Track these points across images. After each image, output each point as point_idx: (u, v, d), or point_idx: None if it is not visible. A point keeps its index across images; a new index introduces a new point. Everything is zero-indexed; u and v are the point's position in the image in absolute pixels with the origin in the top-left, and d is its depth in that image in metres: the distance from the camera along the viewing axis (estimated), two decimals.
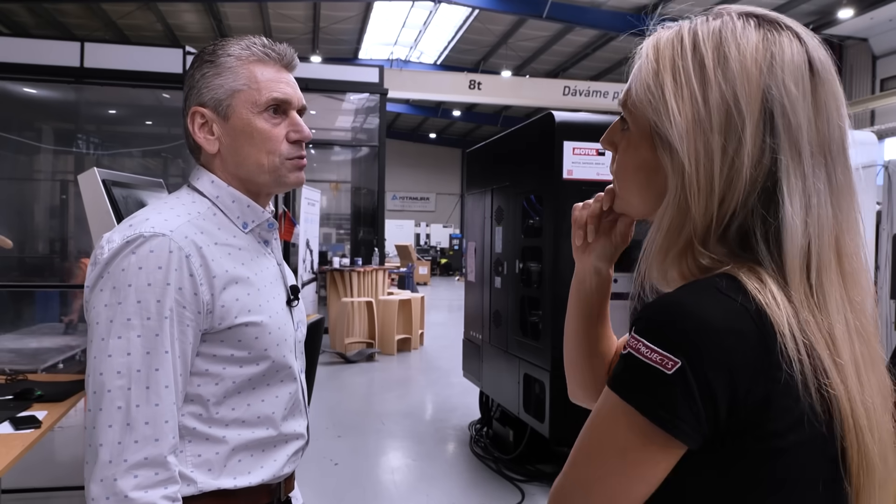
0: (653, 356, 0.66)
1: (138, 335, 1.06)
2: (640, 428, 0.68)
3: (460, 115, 24.80)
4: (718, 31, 0.74)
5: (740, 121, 0.70)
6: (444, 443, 5.34)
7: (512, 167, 4.71)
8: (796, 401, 0.67)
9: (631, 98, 0.79)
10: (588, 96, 16.59)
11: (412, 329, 9.29)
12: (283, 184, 1.25)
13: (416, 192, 31.49)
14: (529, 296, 4.43)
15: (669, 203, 0.73)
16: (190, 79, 1.23)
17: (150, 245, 1.08)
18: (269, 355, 1.19)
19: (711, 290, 0.68)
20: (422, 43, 18.63)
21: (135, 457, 1.03)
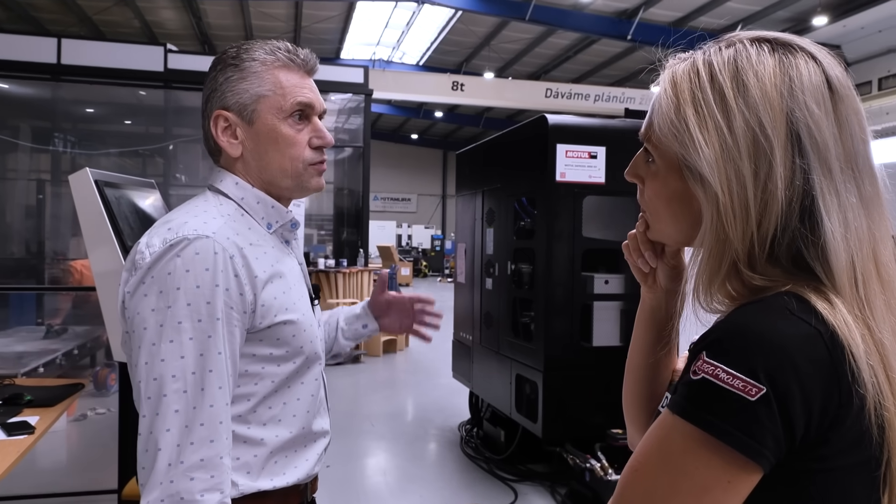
0: (735, 382, 0.65)
1: (190, 338, 1.06)
2: (723, 459, 0.66)
3: (442, 116, 24.81)
4: (733, 59, 0.75)
5: (768, 145, 0.72)
6: (435, 444, 5.35)
7: (504, 169, 4.74)
8: (858, 424, 0.67)
9: (655, 133, 0.80)
10: (570, 98, 16.70)
11: None
12: (305, 188, 1.26)
13: (398, 193, 31.44)
14: (521, 297, 4.46)
15: (707, 231, 0.74)
16: (212, 81, 1.23)
17: (196, 247, 1.09)
18: (305, 352, 1.21)
19: (784, 312, 0.68)
20: (405, 43, 18.61)
21: (191, 458, 1.04)
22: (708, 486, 0.67)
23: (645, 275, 0.96)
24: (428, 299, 1.62)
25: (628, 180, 0.88)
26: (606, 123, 4.27)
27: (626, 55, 17.44)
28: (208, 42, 17.16)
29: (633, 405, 1.03)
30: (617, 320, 4.14)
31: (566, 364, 3.99)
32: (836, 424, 0.67)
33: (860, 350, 0.67)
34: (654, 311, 0.98)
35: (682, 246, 0.87)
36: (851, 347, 0.67)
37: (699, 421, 0.67)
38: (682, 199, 0.79)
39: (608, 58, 17.90)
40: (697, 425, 0.67)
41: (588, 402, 3.99)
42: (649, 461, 0.71)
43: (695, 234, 0.78)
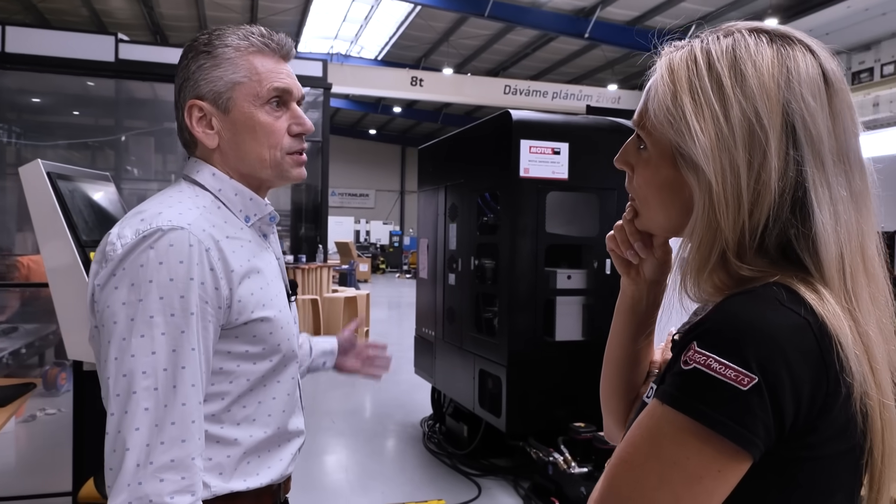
0: (727, 372, 0.65)
1: (162, 333, 1.02)
2: (715, 448, 0.66)
3: (401, 111, 24.71)
4: (732, 48, 0.75)
5: (763, 136, 0.72)
6: (397, 440, 5.33)
7: (467, 165, 4.74)
8: (844, 412, 0.68)
9: (650, 120, 0.80)
10: (528, 95, 16.81)
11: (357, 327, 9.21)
12: (286, 178, 1.23)
13: (356, 189, 31.21)
14: (484, 292, 4.47)
15: (698, 220, 0.74)
16: (184, 70, 1.19)
17: (169, 239, 1.05)
18: (282, 350, 1.18)
19: (774, 303, 0.68)
20: (363, 38, 18.46)
21: (161, 458, 1.00)
22: (699, 475, 0.68)
23: (628, 266, 0.94)
24: (382, 346, 1.74)
25: (617, 167, 0.87)
26: (569, 120, 4.30)
27: (583, 53, 17.64)
28: (160, 32, 16.73)
29: (611, 397, 1.05)
30: (579, 315, 4.19)
31: (529, 358, 4.01)
32: (823, 413, 0.67)
33: (848, 340, 0.68)
34: (634, 302, 0.97)
35: (670, 235, 0.87)
36: (840, 337, 0.68)
37: (691, 410, 0.67)
38: (672, 187, 0.79)
39: (566, 55, 18.07)
40: (689, 415, 0.67)
41: (551, 397, 4.03)
42: (639, 451, 0.71)
43: (684, 222, 0.78)
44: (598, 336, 4.13)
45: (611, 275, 4.12)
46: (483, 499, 4.06)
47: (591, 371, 4.65)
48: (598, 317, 4.14)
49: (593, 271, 4.16)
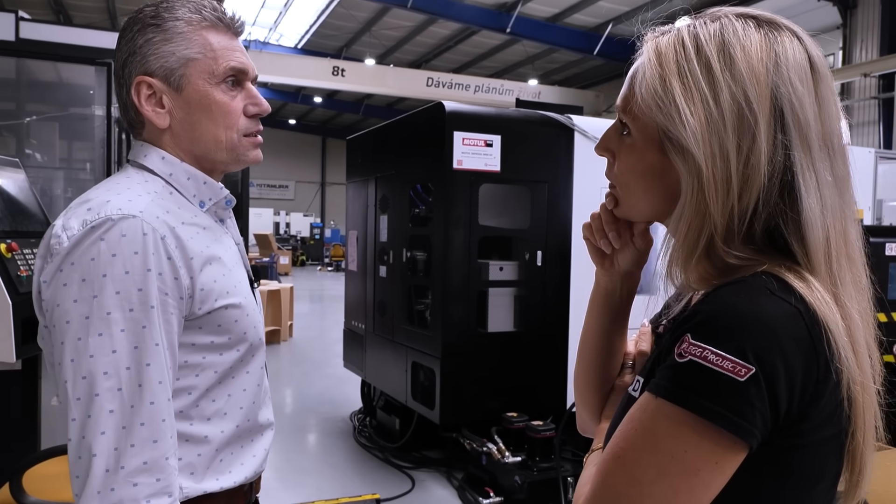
0: (724, 364, 0.65)
1: (122, 329, 0.96)
2: (713, 440, 0.66)
3: (321, 101, 24.30)
4: (720, 32, 0.75)
5: (753, 119, 0.71)
6: (327, 435, 5.25)
7: (398, 156, 4.70)
8: (833, 398, 0.69)
9: (637, 104, 0.79)
10: (451, 88, 16.85)
11: (281, 320, 9.02)
12: (242, 161, 1.17)
13: (275, 180, 30.51)
14: (417, 284, 4.46)
15: (686, 205, 0.74)
16: (129, 43, 1.10)
17: (121, 228, 0.98)
18: (248, 338, 1.13)
19: (766, 292, 0.69)
20: (282, 25, 18.03)
21: (133, 462, 0.94)
22: (697, 467, 0.67)
23: (602, 257, 0.93)
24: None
25: (598, 154, 0.86)
26: (502, 112, 4.33)
27: (505, 48, 17.86)
28: (63, 12, 15.79)
29: (586, 389, 1.03)
30: (511, 306, 4.24)
31: (463, 350, 4.03)
32: (814, 400, 0.68)
33: (838, 327, 0.69)
34: (608, 294, 0.96)
35: (651, 222, 0.86)
36: (829, 325, 0.68)
37: (688, 403, 0.66)
38: (657, 173, 0.78)
39: (488, 49, 18.23)
40: (686, 407, 0.66)
41: (484, 388, 4.06)
42: (633, 446, 0.69)
43: (666, 209, 0.78)
44: (529, 327, 4.20)
45: (542, 266, 4.19)
46: (417, 491, 4.06)
47: (523, 361, 4.72)
48: (529, 308, 4.20)
49: (525, 263, 4.21)
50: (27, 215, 2.98)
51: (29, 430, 2.54)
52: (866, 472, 0.75)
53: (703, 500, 0.68)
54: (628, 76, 0.82)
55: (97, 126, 4.41)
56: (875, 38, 13.29)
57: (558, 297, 4.21)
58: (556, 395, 4.15)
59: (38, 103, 10.35)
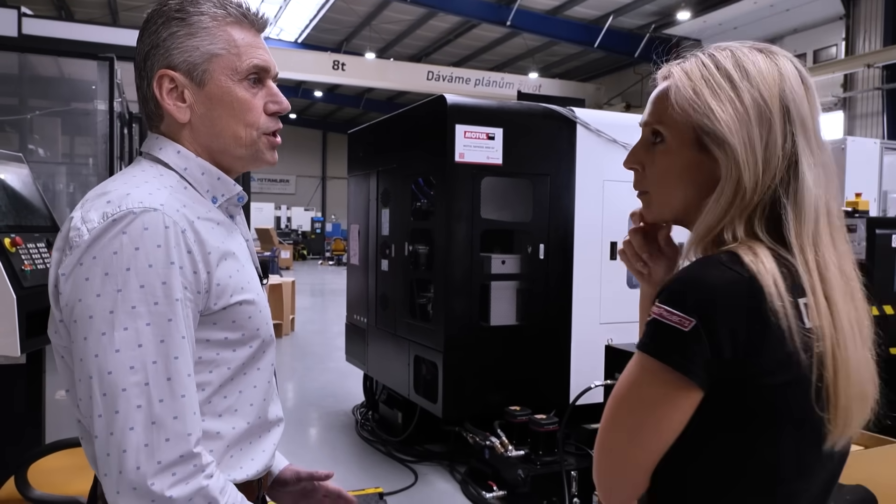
0: (673, 318, 0.85)
1: (147, 323, 0.95)
2: (665, 378, 0.86)
3: (322, 95, 24.25)
4: (732, 54, 0.96)
5: (769, 113, 0.92)
6: (330, 429, 5.27)
7: (400, 149, 4.69)
8: (782, 346, 0.85)
9: (669, 115, 0.97)
10: (451, 82, 16.81)
11: (283, 315, 9.03)
12: (259, 160, 1.16)
13: (276, 175, 30.48)
14: (419, 278, 4.46)
15: (726, 185, 0.92)
16: (153, 36, 1.09)
17: (143, 221, 0.97)
18: (261, 334, 1.12)
19: (716, 264, 0.88)
20: (282, 19, 17.98)
21: (169, 456, 0.94)
22: (654, 401, 0.88)
23: (640, 273, 1.12)
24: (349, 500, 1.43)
25: (628, 168, 1.05)
26: (504, 105, 4.32)
27: (505, 40, 17.80)
28: (65, 7, 15.76)
29: None
30: (513, 300, 4.24)
31: (465, 343, 4.03)
32: (759, 347, 0.85)
33: (772, 289, 0.85)
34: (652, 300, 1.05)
35: (678, 217, 1.02)
36: (768, 289, 0.85)
37: (648, 349, 0.88)
38: (692, 168, 0.97)
39: (488, 42, 18.18)
40: (647, 353, 0.88)
41: (487, 381, 4.06)
42: (619, 389, 0.92)
43: (696, 201, 0.96)
44: (532, 320, 4.20)
45: (544, 259, 4.19)
46: (420, 485, 4.07)
47: (526, 355, 4.71)
48: (531, 301, 4.20)
49: (527, 256, 4.21)
50: (31, 210, 2.98)
51: (34, 424, 2.54)
52: (846, 417, 0.89)
53: (664, 432, 0.89)
54: (652, 99, 1.02)
55: (99, 121, 4.41)
56: (878, 29, 13.23)
57: (561, 291, 4.21)
58: (559, 389, 4.15)
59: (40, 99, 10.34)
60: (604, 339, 3.86)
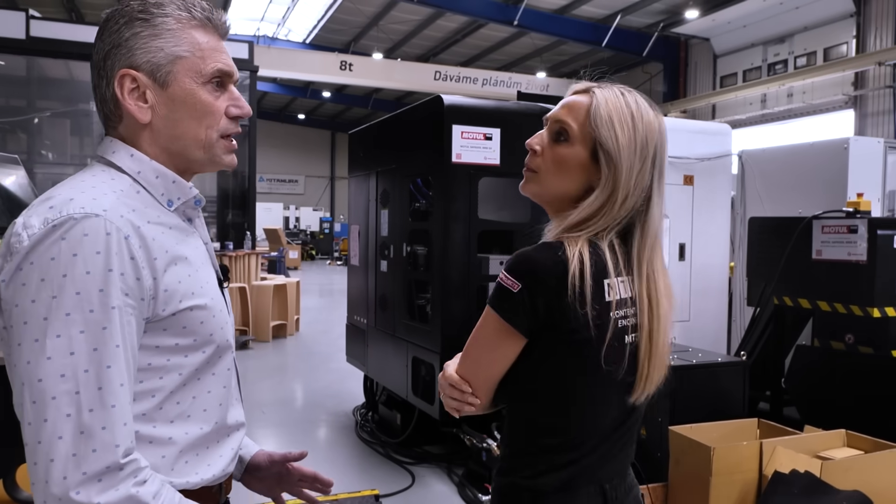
0: (507, 281, 1.16)
1: (81, 331, 0.94)
2: (498, 325, 1.19)
3: (330, 96, 24.31)
4: (636, 100, 1.26)
5: (647, 153, 1.23)
6: (329, 429, 5.27)
7: (398, 150, 4.68)
8: (580, 311, 1.14)
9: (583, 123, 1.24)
10: (458, 82, 16.82)
11: (287, 315, 9.06)
12: (216, 163, 1.16)
13: (285, 175, 30.58)
14: (417, 279, 4.44)
15: (601, 193, 1.22)
16: (114, 35, 1.08)
17: (84, 227, 0.96)
18: (215, 340, 1.11)
19: (545, 248, 1.19)
20: (290, 20, 18.04)
21: (95, 467, 0.92)
22: (491, 343, 1.21)
23: None
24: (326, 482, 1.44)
25: (530, 146, 1.29)
26: (501, 105, 4.30)
27: (512, 40, 17.78)
28: (76, 10, 15.87)
29: None
30: None
31: (463, 345, 4.00)
32: (564, 312, 1.15)
33: (575, 272, 1.14)
34: None
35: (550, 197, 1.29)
36: (575, 272, 1.14)
37: (491, 303, 1.20)
38: (580, 168, 1.25)
39: (495, 42, 18.16)
40: (490, 306, 1.20)
41: None
42: (475, 329, 1.24)
43: (572, 193, 1.25)
44: None
45: None
46: (417, 487, 4.05)
47: None
48: None
49: None
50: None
51: None
52: (649, 382, 1.23)
53: (496, 363, 1.21)
54: (569, 105, 1.27)
55: None
56: (890, 26, 13.10)
57: None
58: None
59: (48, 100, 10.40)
60: None
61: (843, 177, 4.48)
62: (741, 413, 3.42)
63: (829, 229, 3.89)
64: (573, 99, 1.26)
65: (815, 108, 14.86)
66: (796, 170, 4.90)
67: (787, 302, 4.15)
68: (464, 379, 1.24)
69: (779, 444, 3.00)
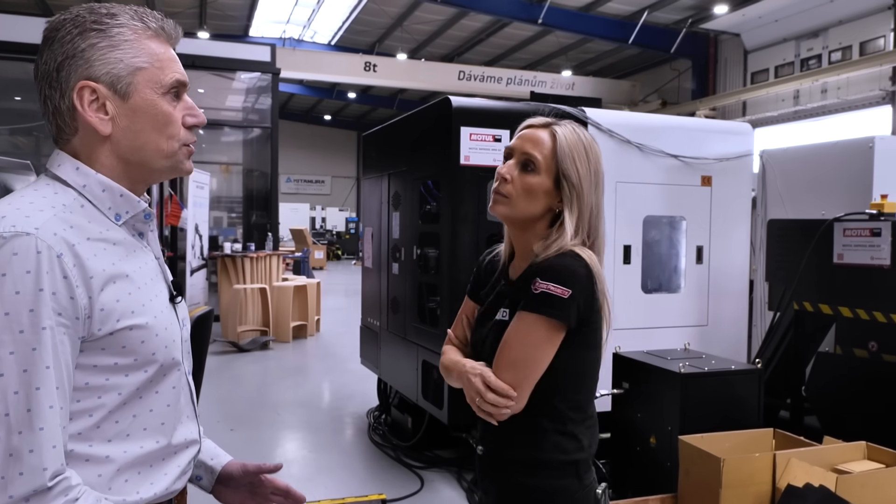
0: (558, 290, 1.41)
1: (11, 352, 0.93)
2: (550, 327, 1.42)
3: (356, 97, 24.41)
4: (585, 134, 1.54)
5: (597, 180, 1.54)
6: (342, 432, 5.25)
7: (409, 152, 4.64)
8: (600, 303, 1.46)
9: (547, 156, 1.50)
10: (482, 81, 16.74)
11: (308, 315, 9.09)
12: (179, 171, 1.16)
13: (311, 175, 30.80)
14: (427, 282, 4.40)
15: (570, 214, 1.49)
16: (67, 45, 1.06)
17: (13, 247, 0.95)
18: (158, 359, 1.08)
19: (570, 257, 1.45)
20: (315, 22, 18.13)
21: (21, 490, 0.92)
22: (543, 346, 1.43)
23: None
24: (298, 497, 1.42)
25: (502, 175, 1.52)
26: (510, 107, 4.24)
27: (537, 39, 17.63)
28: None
29: None
30: None
31: None
32: (592, 312, 1.46)
33: (602, 276, 1.47)
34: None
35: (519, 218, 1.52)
36: (599, 275, 1.46)
37: (541, 311, 1.42)
38: (546, 194, 1.51)
39: (519, 41, 18.03)
40: (540, 313, 1.42)
41: None
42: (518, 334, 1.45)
43: (538, 215, 1.52)
44: None
45: None
46: (425, 492, 4.01)
47: None
48: None
49: None
50: None
51: None
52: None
53: (545, 366, 1.43)
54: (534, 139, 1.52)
55: None
56: None
57: None
58: None
59: None
60: (615, 345, 3.75)
61: (868, 177, 4.31)
62: (756, 422, 3.31)
63: (851, 232, 3.75)
64: (536, 133, 1.52)
65: (850, 104, 14.44)
66: (819, 170, 4.74)
67: (807, 307, 4.02)
68: (521, 379, 1.42)
69: (793, 456, 2.89)
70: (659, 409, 3.28)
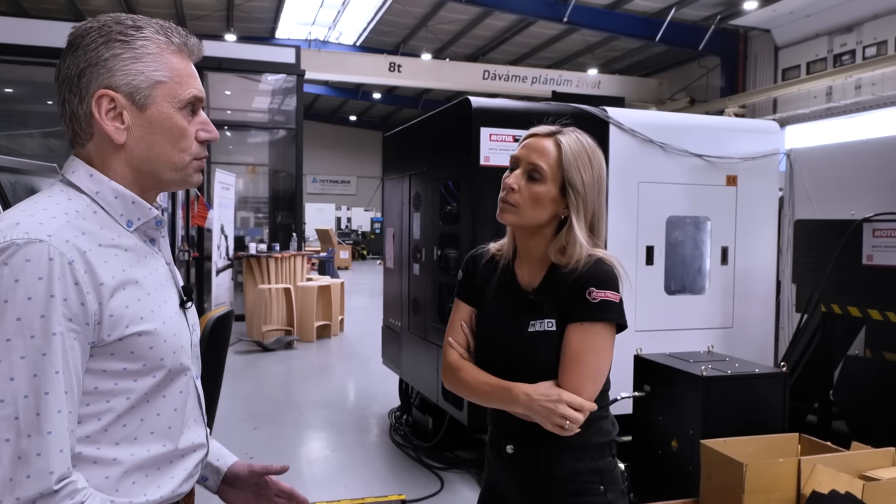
0: (613, 296, 1.53)
1: (21, 357, 0.95)
2: (612, 331, 1.55)
3: (381, 97, 24.49)
4: (588, 141, 1.60)
5: (600, 185, 1.60)
6: (364, 432, 5.27)
7: (429, 153, 4.64)
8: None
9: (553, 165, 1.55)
10: (507, 80, 16.66)
11: (332, 315, 9.14)
12: (187, 183, 1.19)
13: (337, 176, 30.99)
14: (447, 283, 4.39)
15: (578, 219, 1.57)
16: (90, 53, 1.09)
17: (26, 253, 0.96)
18: (166, 364, 1.10)
19: (602, 262, 1.56)
20: (341, 23, 18.23)
21: (28, 493, 0.94)
22: (610, 350, 1.56)
23: None
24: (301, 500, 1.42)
25: (509, 184, 1.58)
26: (530, 107, 4.21)
27: (562, 37, 17.50)
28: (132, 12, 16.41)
29: None
30: None
31: None
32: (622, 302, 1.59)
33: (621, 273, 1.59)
34: None
35: (526, 225, 1.59)
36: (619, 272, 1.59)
37: (605, 319, 1.53)
38: (552, 201, 1.57)
39: (545, 40, 17.91)
40: (605, 321, 1.53)
41: None
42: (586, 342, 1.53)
43: (545, 221, 1.59)
44: None
45: None
46: (445, 493, 4.01)
47: None
48: None
49: None
50: None
51: None
52: None
53: (611, 357, 1.56)
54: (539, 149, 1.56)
55: None
56: None
57: None
58: None
59: None
60: (637, 348, 3.71)
61: (892, 178, 4.20)
62: (781, 427, 3.24)
63: (881, 233, 3.66)
64: (541, 143, 1.57)
65: (885, 100, 14.09)
66: (848, 169, 4.63)
67: (835, 310, 3.93)
68: (598, 381, 1.53)
69: (819, 462, 2.83)
70: (681, 412, 3.24)
